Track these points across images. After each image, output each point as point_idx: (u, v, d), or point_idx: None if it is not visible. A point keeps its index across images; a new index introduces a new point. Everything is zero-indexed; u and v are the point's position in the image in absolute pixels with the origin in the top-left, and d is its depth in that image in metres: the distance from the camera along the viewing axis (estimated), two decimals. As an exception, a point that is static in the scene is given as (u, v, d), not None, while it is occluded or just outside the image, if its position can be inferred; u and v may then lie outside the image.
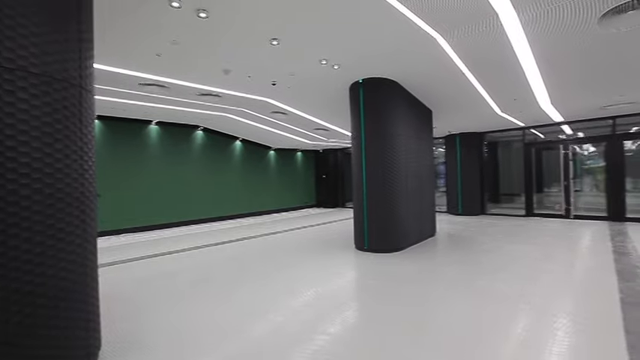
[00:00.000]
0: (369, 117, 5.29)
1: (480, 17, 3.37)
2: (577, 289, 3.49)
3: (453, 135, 10.38)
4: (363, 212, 5.36)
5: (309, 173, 14.31)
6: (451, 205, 10.51)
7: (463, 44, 3.98)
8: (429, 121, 6.82)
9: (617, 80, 5.24)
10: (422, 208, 6.17)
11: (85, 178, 1.99)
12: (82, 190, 1.95)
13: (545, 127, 9.31)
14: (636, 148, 12.95)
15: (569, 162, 8.84)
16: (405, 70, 4.89)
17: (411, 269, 4.38)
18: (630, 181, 12.55)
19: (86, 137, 1.98)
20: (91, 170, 2.06)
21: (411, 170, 5.75)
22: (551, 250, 5.29)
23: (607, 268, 4.15)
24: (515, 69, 4.71)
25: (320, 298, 3.41)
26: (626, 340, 2.38)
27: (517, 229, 7.39)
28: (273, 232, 7.85)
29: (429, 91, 5.86)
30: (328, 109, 7.07)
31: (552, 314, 2.88)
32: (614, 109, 7.17)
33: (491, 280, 3.82)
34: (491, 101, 6.29)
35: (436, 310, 3.05)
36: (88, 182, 2.02)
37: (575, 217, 8.66)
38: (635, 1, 3.15)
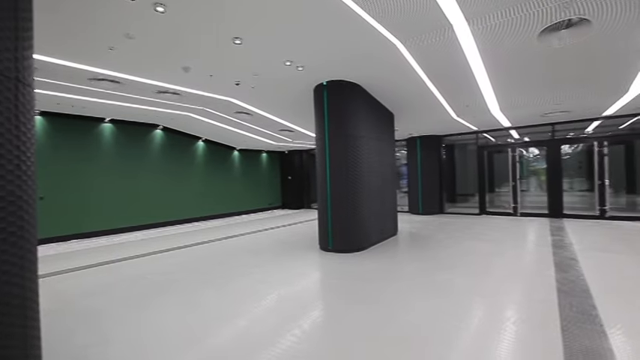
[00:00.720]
0: (332, 119, 5.37)
1: (437, 27, 3.56)
2: (522, 281, 3.79)
3: (414, 137, 10.82)
4: (327, 213, 5.42)
5: (274, 174, 14.19)
6: (412, 205, 10.94)
7: (421, 52, 4.18)
8: (390, 124, 7.06)
9: (553, 91, 5.78)
10: (384, 208, 6.37)
11: (23, 179, 1.82)
12: (19, 192, 1.78)
13: (495, 131, 10.01)
14: (572, 152, 14.34)
15: (516, 164, 9.58)
16: (367, 73, 5.03)
17: (374, 268, 4.50)
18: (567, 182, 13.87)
19: (24, 135, 1.82)
20: (29, 171, 1.89)
21: (373, 171, 5.91)
22: (500, 245, 5.70)
23: (547, 261, 4.56)
24: (468, 77, 5.02)
25: (284, 301, 3.40)
26: (560, 325, 2.63)
27: (471, 226, 7.86)
28: (237, 234, 7.68)
29: (390, 95, 6.07)
30: (293, 110, 7.07)
31: (501, 305, 3.11)
32: (553, 116, 7.89)
33: (448, 276, 4.03)
34: (447, 106, 6.65)
35: (398, 305, 3.17)
36: (26, 184, 1.86)
37: (522, 214, 9.40)
38: (567, 21, 3.51)
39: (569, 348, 2.28)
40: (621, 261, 4.49)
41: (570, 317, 2.77)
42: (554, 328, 2.58)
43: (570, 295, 3.26)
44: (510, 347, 2.33)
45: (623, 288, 3.46)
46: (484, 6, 3.16)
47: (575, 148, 13.77)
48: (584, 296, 3.23)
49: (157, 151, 9.15)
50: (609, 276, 3.87)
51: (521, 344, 2.37)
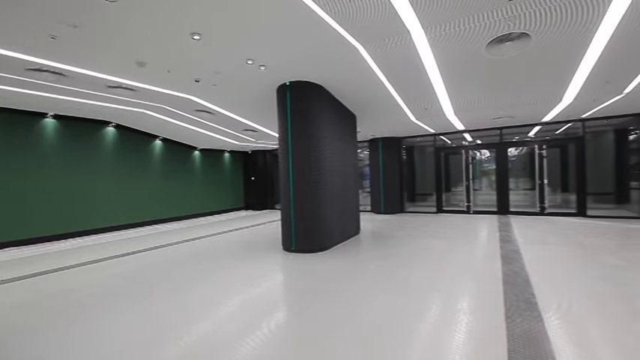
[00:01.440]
0: (295, 119, 5.38)
1: (396, 33, 3.71)
2: (472, 274, 4.06)
3: (376, 139, 11.14)
4: (290, 213, 5.42)
5: (237, 175, 13.88)
6: (375, 205, 11.26)
7: (382, 56, 4.33)
8: (353, 125, 7.22)
9: (499, 97, 6.26)
10: (346, 207, 6.50)
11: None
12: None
13: (451, 134, 10.62)
14: (518, 154, 15.59)
15: (469, 165, 10.24)
16: (330, 75, 5.10)
17: (336, 267, 4.57)
18: (513, 181, 15.05)
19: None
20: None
21: (336, 171, 6.01)
22: (454, 241, 6.06)
23: (494, 255, 4.93)
24: (425, 82, 5.29)
25: (247, 303, 3.35)
26: (504, 313, 2.86)
27: (429, 224, 8.27)
28: (198, 237, 7.42)
29: (352, 97, 6.21)
30: (256, 109, 6.98)
31: (454, 297, 3.31)
32: (501, 121, 8.54)
33: (407, 273, 4.21)
34: (407, 109, 6.95)
35: (359, 303, 3.25)
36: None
37: (475, 212, 10.06)
38: (512, 35, 3.84)
39: (511, 333, 2.49)
40: (556, 252, 4.98)
41: (513, 305, 3.02)
42: (499, 316, 2.80)
43: (513, 285, 3.55)
44: (461, 336, 2.49)
45: (557, 276, 3.84)
46: (438, 16, 3.36)
47: (520, 151, 15.00)
48: (525, 286, 3.53)
49: (109, 150, 8.56)
50: (546, 266, 4.27)
51: (470, 332, 2.54)
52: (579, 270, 4.09)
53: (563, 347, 2.28)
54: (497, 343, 2.36)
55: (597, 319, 2.74)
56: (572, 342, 2.36)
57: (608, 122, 9.05)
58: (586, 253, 4.89)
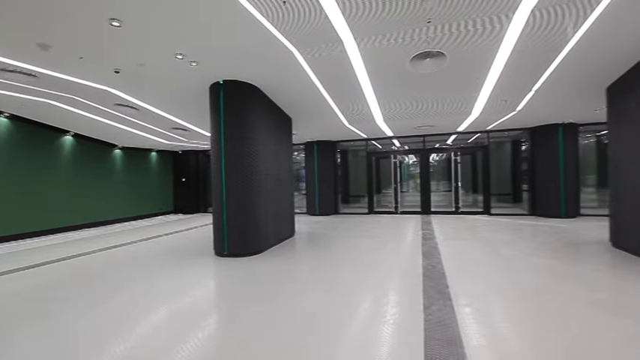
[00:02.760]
0: (229, 119, 5.23)
1: (330, 40, 3.85)
2: (397, 270, 4.40)
3: (311, 142, 11.36)
4: (223, 216, 5.23)
5: (165, 176, 12.89)
6: (310, 207, 11.45)
7: (316, 61, 4.45)
8: (288, 128, 7.26)
9: (422, 108, 6.91)
10: (281, 210, 6.50)
11: None
12: None
13: (381, 139, 11.35)
14: (440, 159, 17.30)
15: (397, 169, 11.05)
16: (265, 77, 5.07)
17: (270, 270, 4.55)
18: (435, 184, 16.60)
19: None
20: None
21: (270, 174, 5.98)
22: (382, 240, 6.49)
23: (416, 251, 5.41)
24: (356, 89, 5.58)
25: (174, 314, 3.14)
26: (422, 303, 3.17)
27: (361, 225, 8.71)
28: (118, 244, 6.70)
29: (288, 100, 6.25)
30: (187, 107, 6.59)
31: (381, 292, 3.54)
32: (423, 129, 9.42)
33: (338, 272, 4.38)
34: (340, 114, 7.23)
35: (293, 304, 3.28)
36: None
37: (402, 212, 10.88)
38: (431, 53, 4.27)
39: (428, 321, 2.77)
40: (467, 246, 5.67)
41: (430, 296, 3.36)
42: (418, 307, 3.09)
43: (431, 279, 3.95)
44: (385, 327, 2.68)
45: (467, 268, 4.37)
46: (367, 28, 3.58)
47: (441, 157, 16.70)
48: (440, 278, 3.95)
49: (1, 145, 7.24)
50: (458, 259, 4.83)
51: (393, 324, 2.75)
52: (484, 261, 4.71)
53: (469, 330, 2.61)
54: (416, 331, 2.60)
55: (496, 303, 3.19)
56: (477, 324, 2.71)
57: (506, 134, 10.61)
58: (489, 246, 5.65)
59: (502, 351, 2.29)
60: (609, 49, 4.18)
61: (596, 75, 5.06)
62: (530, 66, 4.68)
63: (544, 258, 4.76)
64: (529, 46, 4.02)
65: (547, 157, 9.20)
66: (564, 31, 3.62)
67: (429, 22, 3.48)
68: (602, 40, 3.89)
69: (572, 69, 4.76)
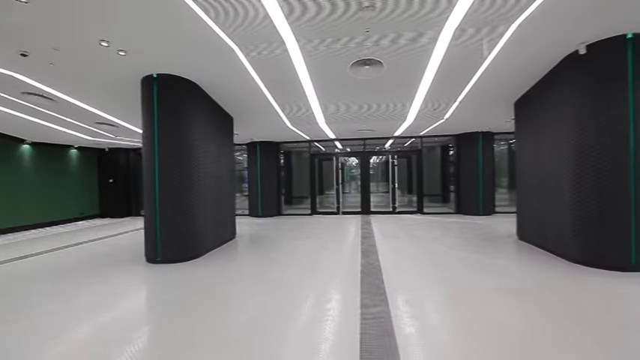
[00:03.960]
0: (164, 116, 4.89)
1: (272, 41, 3.83)
2: (337, 268, 4.53)
3: (254, 142, 11.14)
4: (156, 220, 4.87)
5: (89, 177, 11.53)
6: (252, 208, 11.22)
7: (258, 61, 4.40)
8: (230, 127, 7.04)
9: (361, 112, 7.23)
10: (221, 212, 6.27)
11: None
12: None
13: (324, 141, 11.59)
14: (379, 162, 18.21)
15: (339, 171, 11.38)
16: (205, 73, 4.86)
17: (208, 275, 4.36)
18: (375, 185, 17.42)
19: None
20: None
21: (210, 175, 5.73)
22: (324, 241, 6.63)
23: (356, 250, 5.63)
24: (299, 91, 5.63)
25: (98, 331, 2.82)
26: (360, 300, 3.31)
27: (303, 225, 8.79)
28: (24, 255, 5.82)
29: (230, 99, 6.06)
30: (115, 100, 6.00)
31: (321, 290, 3.61)
32: (363, 132, 9.85)
33: (280, 274, 4.36)
34: (283, 116, 7.22)
35: (230, 309, 3.18)
36: None
37: (344, 213, 11.23)
38: (370, 60, 4.50)
39: (364, 315, 2.91)
40: (402, 244, 6.07)
41: (367, 292, 3.53)
42: (355, 302, 3.22)
43: (369, 275, 4.15)
44: (324, 324, 2.75)
45: (401, 264, 4.68)
46: (309, 32, 3.65)
47: (380, 159, 17.62)
48: (377, 274, 4.17)
49: None
50: (394, 256, 5.15)
51: (332, 321, 2.83)
52: (416, 257, 5.09)
53: (401, 321, 2.79)
54: (353, 326, 2.71)
55: (425, 295, 3.47)
56: (408, 316, 2.92)
57: (437, 140, 11.61)
58: (421, 243, 6.13)
59: (429, 338, 2.50)
60: (515, 68, 4.83)
61: (506, 90, 5.81)
62: (455, 79, 5.19)
63: (466, 251, 5.31)
64: (453, 62, 4.46)
65: (469, 161, 10.28)
66: (481, 49, 4.09)
67: (367, 31, 3.67)
68: (510, 60, 4.49)
69: (487, 84, 5.40)
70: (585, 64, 4.23)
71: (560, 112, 4.73)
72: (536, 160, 5.49)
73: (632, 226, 3.99)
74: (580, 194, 4.35)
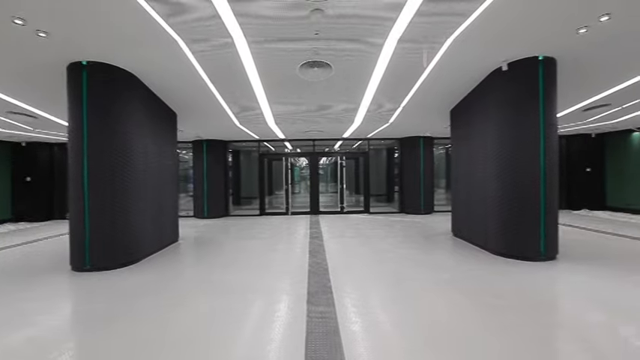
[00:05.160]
0: (94, 109, 4.44)
1: (221, 37, 3.69)
2: (285, 269, 4.51)
3: (200, 140, 10.63)
4: (84, 223, 4.40)
5: (0, 174, 10.00)
6: (198, 209, 10.70)
7: (205, 56, 4.21)
8: (172, 124, 6.63)
9: (311, 113, 7.31)
10: (162, 214, 5.88)
11: None
12: None
13: (274, 141, 11.48)
14: (329, 163, 18.53)
15: (288, 171, 11.35)
16: (144, 65, 4.52)
17: (147, 281, 4.06)
18: (324, 185, 17.67)
19: None
20: None
21: (149, 173, 5.35)
22: (272, 241, 6.57)
23: (304, 250, 5.67)
24: (248, 90, 5.50)
25: (13, 353, 2.46)
26: (307, 298, 3.34)
27: (251, 226, 8.61)
28: None
29: (173, 94, 5.71)
30: (34, 87, 5.28)
31: (270, 292, 3.57)
32: (313, 133, 9.96)
33: (227, 275, 4.22)
34: (231, 114, 7.00)
35: (171, 317, 2.99)
36: None
37: (293, 213, 11.22)
38: (319, 62, 4.56)
39: (310, 315, 2.94)
40: (349, 243, 6.26)
41: (314, 291, 3.57)
42: (302, 302, 3.25)
43: (316, 275, 4.20)
44: (270, 324, 2.73)
45: (348, 263, 4.83)
46: (259, 31, 3.59)
47: (330, 160, 17.95)
48: (324, 273, 4.25)
49: None
50: (341, 255, 5.29)
51: (278, 322, 2.82)
52: (362, 255, 5.29)
53: (346, 319, 2.88)
54: (299, 326, 2.73)
55: (370, 292, 3.62)
56: (353, 313, 3.02)
57: (382, 143, 12.18)
58: (367, 241, 6.38)
59: (372, 333, 2.62)
60: (450, 79, 5.27)
61: (443, 99, 6.31)
62: (399, 85, 5.50)
63: (408, 248, 5.65)
64: (397, 69, 4.72)
65: (411, 163, 10.95)
66: (421, 60, 4.39)
67: (316, 34, 3.72)
68: (445, 71, 4.88)
69: (427, 92, 5.81)
70: (507, 79, 4.77)
71: (486, 122, 5.27)
72: (467, 164, 6.04)
73: (541, 222, 4.60)
74: (501, 196, 4.89)
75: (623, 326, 2.65)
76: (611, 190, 10.67)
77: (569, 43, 4.05)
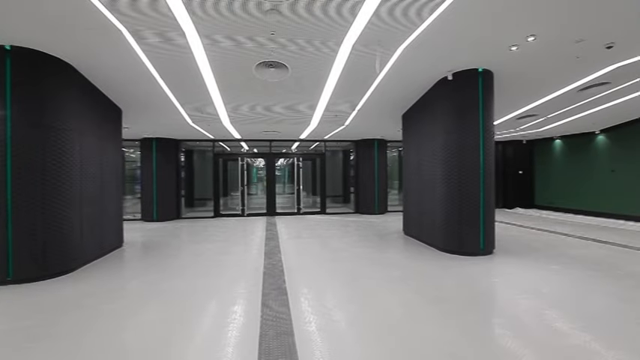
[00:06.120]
0: (20, 100, 3.97)
1: (172, 30, 3.50)
2: (239, 272, 4.40)
3: (149, 139, 9.99)
4: (7, 229, 3.90)
5: None
6: (146, 212, 10.03)
7: (154, 50, 3.98)
8: (117, 120, 6.15)
9: (266, 114, 7.23)
10: (104, 217, 5.43)
11: None
12: None
13: (229, 141, 11.15)
14: (286, 164, 18.40)
15: (244, 172, 11.11)
16: (83, 54, 4.14)
17: (84, 291, 3.72)
18: (282, 186, 17.54)
19: None
20: None
21: (88, 173, 4.91)
22: (227, 244, 6.38)
23: (259, 252, 5.59)
24: (202, 88, 5.29)
25: None
26: (261, 300, 3.30)
27: (205, 229, 8.27)
28: None
29: (118, 88, 5.31)
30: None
31: (222, 296, 3.46)
32: (270, 134, 9.86)
33: (175, 281, 4.01)
34: (183, 112, 6.68)
35: (111, 331, 2.77)
36: None
37: (248, 214, 10.99)
38: (275, 63, 4.53)
39: (264, 317, 2.91)
40: (305, 243, 6.28)
41: (268, 292, 3.54)
42: (256, 304, 3.20)
43: (271, 276, 4.17)
44: (225, 329, 2.65)
45: (304, 263, 4.84)
46: (213, 28, 3.48)
47: (288, 161, 17.85)
48: (279, 275, 4.22)
49: None
50: (297, 256, 5.30)
51: (231, 325, 2.75)
52: (318, 255, 5.34)
53: (300, 319, 2.89)
54: (253, 329, 2.68)
55: (325, 291, 3.67)
56: (308, 313, 3.04)
57: (339, 144, 12.42)
58: (323, 241, 6.46)
59: (326, 332, 2.66)
60: (401, 85, 5.55)
61: (395, 104, 6.61)
62: (354, 89, 5.65)
63: (362, 247, 5.82)
64: (353, 73, 4.86)
65: (366, 165, 11.31)
66: (374, 65, 4.56)
67: (272, 34, 3.70)
68: (397, 78, 5.13)
69: (380, 97, 6.05)
70: (452, 88, 5.14)
71: (434, 127, 5.63)
72: (417, 166, 6.40)
73: (481, 220, 5.02)
74: (447, 197, 5.26)
75: (544, 309, 2.99)
76: (538, 190, 11.96)
77: (504, 59, 4.49)
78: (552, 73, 5.07)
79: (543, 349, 2.32)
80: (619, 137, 9.00)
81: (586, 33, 3.78)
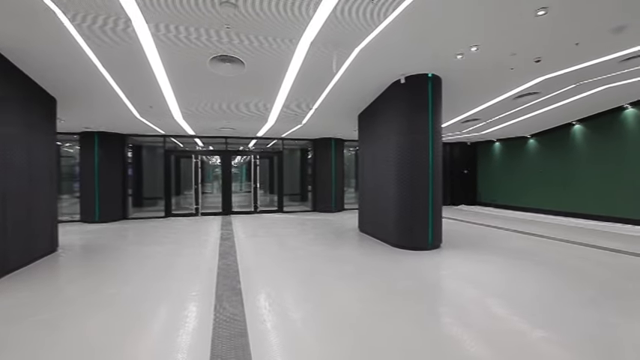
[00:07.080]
0: None
1: (113, 14, 3.24)
2: (192, 274, 4.23)
3: (90, 132, 9.16)
4: None
5: None
6: (86, 212, 9.20)
7: (96, 35, 3.65)
8: (50, 111, 5.56)
9: (222, 110, 7.01)
10: (32, 219, 4.88)
11: None
12: None
13: (182, 137, 10.62)
14: (243, 161, 17.97)
15: (199, 169, 10.66)
16: (8, 37, 3.68)
17: (6, 305, 3.32)
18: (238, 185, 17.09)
19: None
20: None
21: (12, 170, 4.38)
22: (178, 245, 6.08)
23: (214, 252, 5.41)
24: (150, 79, 4.98)
25: None
26: (214, 302, 3.21)
27: (155, 230, 7.81)
28: None
29: (52, 76, 4.80)
30: None
31: (173, 300, 3.29)
32: (225, 131, 9.56)
33: (119, 286, 3.75)
34: (128, 103, 6.22)
35: (45, 344, 2.51)
36: None
37: (203, 214, 10.58)
38: (230, 57, 4.40)
39: (217, 319, 2.83)
40: (262, 242, 6.20)
41: (222, 294, 3.45)
42: (209, 307, 3.10)
43: (226, 277, 4.06)
44: (176, 334, 2.53)
45: (260, 263, 4.78)
46: (162, 16, 3.28)
47: (245, 159, 17.42)
48: (234, 276, 4.13)
49: None
50: (253, 255, 5.21)
51: (182, 329, 2.63)
52: (274, 254, 5.30)
53: (254, 319, 2.86)
54: (205, 332, 2.60)
55: (281, 290, 3.66)
56: (263, 313, 3.01)
57: (296, 143, 12.41)
58: (280, 240, 6.42)
59: (281, 332, 2.66)
60: (356, 86, 5.70)
61: (351, 104, 6.77)
62: (311, 88, 5.68)
63: (319, 245, 5.89)
64: (310, 72, 4.89)
65: (324, 164, 11.45)
66: (331, 65, 4.63)
67: (227, 27, 3.59)
68: (352, 79, 5.26)
69: (337, 97, 6.16)
70: (404, 91, 5.39)
71: (388, 127, 5.86)
72: (372, 165, 6.62)
73: (429, 216, 5.34)
74: (399, 194, 5.51)
75: (484, 296, 3.27)
76: (482, 188, 13.00)
77: (451, 66, 4.81)
78: (492, 82, 5.54)
79: (485, 333, 2.55)
80: (546, 141, 10.10)
81: (517, 47, 4.19)
